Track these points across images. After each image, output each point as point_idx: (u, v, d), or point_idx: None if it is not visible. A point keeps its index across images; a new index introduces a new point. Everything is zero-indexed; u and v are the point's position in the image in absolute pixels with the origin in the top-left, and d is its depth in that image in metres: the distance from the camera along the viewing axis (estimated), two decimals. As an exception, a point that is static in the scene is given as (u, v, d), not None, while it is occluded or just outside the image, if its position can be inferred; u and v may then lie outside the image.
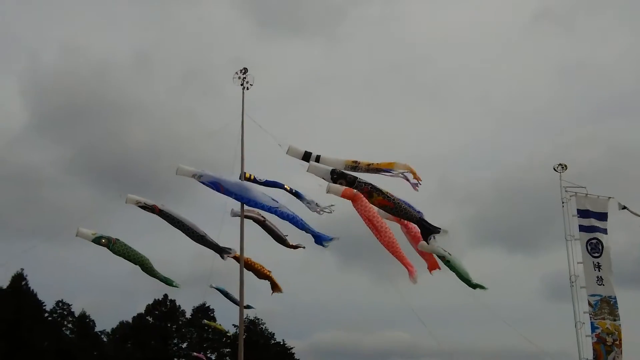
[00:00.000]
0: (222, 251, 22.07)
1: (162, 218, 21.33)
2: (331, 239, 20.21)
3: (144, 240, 21.70)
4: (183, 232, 21.60)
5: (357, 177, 19.00)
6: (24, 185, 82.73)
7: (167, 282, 21.89)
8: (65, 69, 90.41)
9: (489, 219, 79.76)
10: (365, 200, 19.05)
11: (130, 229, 21.63)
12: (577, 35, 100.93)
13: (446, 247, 19.18)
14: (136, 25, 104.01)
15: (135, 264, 21.02)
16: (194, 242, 21.73)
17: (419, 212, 19.36)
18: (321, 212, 21.00)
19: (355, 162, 19.41)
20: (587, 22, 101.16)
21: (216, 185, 19.66)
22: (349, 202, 19.83)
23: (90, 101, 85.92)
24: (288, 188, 22.60)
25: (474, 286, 19.95)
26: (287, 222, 20.60)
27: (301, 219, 20.43)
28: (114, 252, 20.69)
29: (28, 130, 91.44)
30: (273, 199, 20.43)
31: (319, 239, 20.58)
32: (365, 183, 18.83)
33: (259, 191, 20.62)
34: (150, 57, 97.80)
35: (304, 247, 25.15)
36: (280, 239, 25.17)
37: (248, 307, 27.14)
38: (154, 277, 21.53)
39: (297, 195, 22.36)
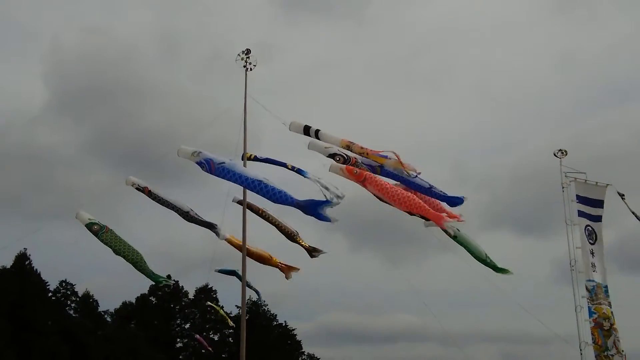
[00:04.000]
0: (210, 226, 22.40)
1: (152, 199, 21.96)
2: (329, 203, 17.59)
3: (153, 221, 22.09)
4: (173, 210, 22.08)
5: (350, 158, 19.58)
6: (41, 166, 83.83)
7: (156, 279, 21.84)
8: (87, 51, 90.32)
9: (500, 204, 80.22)
10: (372, 175, 18.82)
11: (142, 211, 21.98)
12: (576, 23, 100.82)
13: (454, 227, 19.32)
14: (160, 7, 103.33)
15: (122, 257, 20.77)
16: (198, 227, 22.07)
17: (430, 186, 19.47)
18: (333, 200, 18.94)
19: (350, 143, 19.93)
20: (586, 9, 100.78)
21: (208, 165, 19.23)
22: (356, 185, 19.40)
23: (112, 83, 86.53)
24: (290, 166, 22.07)
25: (498, 270, 20.06)
26: (277, 202, 18.62)
27: (291, 195, 18.27)
28: (102, 241, 20.78)
29: (48, 112, 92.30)
30: (264, 178, 18.76)
31: (322, 202, 17.77)
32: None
33: (247, 170, 19.66)
34: (174, 40, 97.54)
35: (324, 252, 24.31)
36: (289, 234, 24.35)
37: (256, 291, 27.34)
38: (143, 272, 21.26)
39: (300, 173, 21.42)
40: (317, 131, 20.80)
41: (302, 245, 24.60)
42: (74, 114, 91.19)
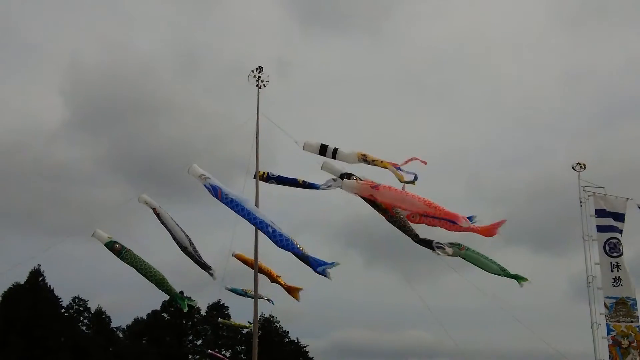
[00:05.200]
0: (205, 267, 21.71)
1: (159, 220, 21.63)
2: (332, 264, 17.39)
3: (166, 237, 21.82)
4: (174, 241, 21.67)
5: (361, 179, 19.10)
6: (59, 182, 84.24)
7: (182, 300, 21.89)
8: (106, 68, 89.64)
9: (516, 220, 79.08)
10: (383, 185, 18.32)
11: (155, 226, 22.07)
12: (592, 36, 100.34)
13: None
14: (177, 24, 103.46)
15: (145, 277, 20.79)
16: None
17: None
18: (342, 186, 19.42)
19: (364, 155, 19.62)
20: (601, 22, 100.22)
21: (215, 191, 19.04)
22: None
23: (129, 100, 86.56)
24: (301, 182, 21.74)
25: (518, 278, 19.42)
26: (282, 248, 18.29)
27: (297, 246, 18.02)
28: (123, 260, 20.74)
29: (67, 128, 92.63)
30: (271, 222, 18.36)
31: (318, 265, 17.81)
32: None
33: (255, 207, 19.28)
34: (191, 56, 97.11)
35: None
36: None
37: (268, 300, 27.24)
38: (168, 293, 21.27)
39: (311, 186, 21.41)
40: (335, 150, 20.15)
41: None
42: (92, 131, 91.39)
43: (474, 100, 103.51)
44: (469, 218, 18.18)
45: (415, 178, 18.37)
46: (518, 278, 19.55)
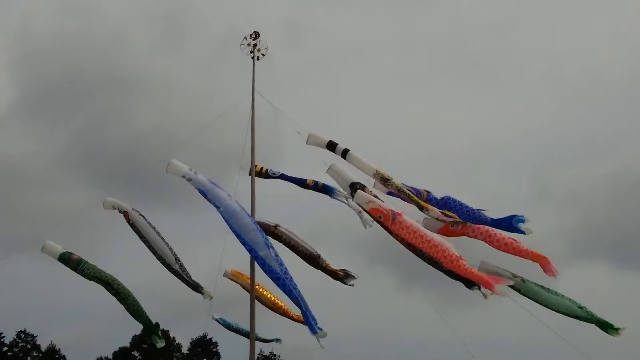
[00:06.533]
0: (195, 288, 20.24)
1: (132, 230, 19.91)
2: (322, 332, 15.97)
3: (139, 253, 19.99)
4: (154, 256, 20.01)
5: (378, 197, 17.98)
6: (3, 184, 76.94)
7: (153, 331, 20.40)
8: (65, 35, 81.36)
9: (592, 226, 72.19)
10: (403, 218, 17.20)
11: (125, 239, 20.86)
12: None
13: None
14: None
15: (115, 294, 19.18)
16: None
17: (480, 213, 18.00)
18: (366, 226, 19.52)
19: (387, 177, 18.43)
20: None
21: (203, 194, 18.00)
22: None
23: (98, 76, 78.21)
24: (311, 182, 20.50)
25: (604, 326, 17.59)
26: (276, 284, 16.98)
27: (292, 283, 16.61)
28: (84, 275, 19.01)
29: (15, 114, 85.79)
30: (266, 241, 17.28)
31: (309, 324, 16.61)
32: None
33: (249, 222, 17.71)
34: (175, 20, 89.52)
35: (352, 284, 21.11)
36: (310, 258, 20.82)
37: (275, 340, 24.42)
38: (136, 317, 19.41)
39: (326, 190, 20.25)
40: (345, 151, 18.94)
41: (327, 271, 21.24)
42: (45, 116, 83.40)
43: (533, 77, 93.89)
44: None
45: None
46: (606, 325, 17.76)
